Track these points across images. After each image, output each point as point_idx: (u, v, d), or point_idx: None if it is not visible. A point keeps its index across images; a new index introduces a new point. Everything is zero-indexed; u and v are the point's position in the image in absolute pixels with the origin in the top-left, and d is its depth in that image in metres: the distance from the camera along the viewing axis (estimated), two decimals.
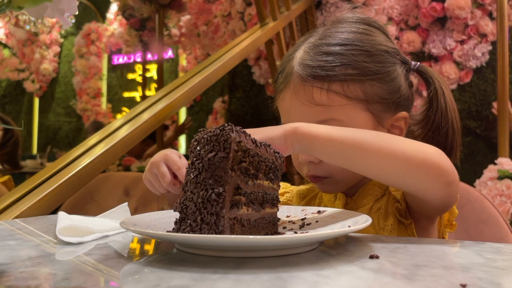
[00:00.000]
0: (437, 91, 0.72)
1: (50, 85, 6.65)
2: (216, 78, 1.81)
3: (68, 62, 6.50)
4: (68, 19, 0.46)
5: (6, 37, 6.74)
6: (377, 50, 0.70)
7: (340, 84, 0.67)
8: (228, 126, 0.47)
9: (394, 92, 0.70)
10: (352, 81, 0.67)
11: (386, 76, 0.70)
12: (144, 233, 0.46)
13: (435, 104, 0.72)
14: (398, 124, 0.72)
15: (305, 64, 0.69)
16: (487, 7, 2.90)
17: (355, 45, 0.69)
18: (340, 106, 0.67)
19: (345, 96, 0.67)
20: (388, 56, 0.71)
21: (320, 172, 0.70)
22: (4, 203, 0.95)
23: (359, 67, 0.67)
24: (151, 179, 0.66)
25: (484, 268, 0.41)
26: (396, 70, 0.71)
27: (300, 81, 0.69)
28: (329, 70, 0.67)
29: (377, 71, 0.68)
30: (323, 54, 0.69)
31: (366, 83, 0.68)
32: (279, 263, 0.42)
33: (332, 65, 0.67)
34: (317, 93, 0.67)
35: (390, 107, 0.70)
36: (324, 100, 0.67)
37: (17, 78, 6.75)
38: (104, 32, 6.14)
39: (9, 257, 0.45)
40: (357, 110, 0.68)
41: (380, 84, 0.69)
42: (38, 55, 6.45)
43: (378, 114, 0.69)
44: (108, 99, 6.31)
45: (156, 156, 0.66)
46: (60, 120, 6.55)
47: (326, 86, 0.67)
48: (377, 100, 0.68)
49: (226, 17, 3.96)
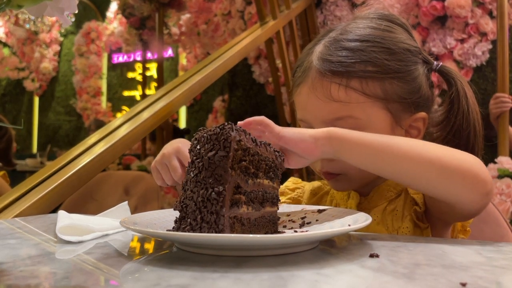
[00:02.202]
0: (459, 93, 0.70)
1: (50, 84, 6.65)
2: (216, 77, 1.81)
3: (68, 61, 6.50)
4: (67, 18, 0.46)
5: (6, 36, 6.73)
6: (399, 48, 0.68)
7: (359, 81, 0.65)
8: (228, 125, 0.47)
9: (414, 92, 0.68)
10: (371, 78, 0.65)
11: (407, 76, 0.68)
12: (144, 232, 0.46)
13: (456, 106, 0.70)
14: (416, 124, 0.70)
15: (325, 58, 0.68)
16: (487, 5, 2.90)
17: (377, 42, 0.67)
18: (358, 104, 0.65)
19: (364, 94, 0.65)
20: (410, 55, 0.68)
21: (334, 169, 0.69)
22: (4, 202, 0.95)
23: (380, 65, 0.66)
24: (161, 170, 0.65)
25: (484, 267, 0.41)
26: (418, 70, 0.69)
27: (319, 76, 0.67)
28: (348, 66, 0.65)
29: (398, 70, 0.66)
30: (343, 49, 0.67)
31: (386, 82, 0.66)
32: (279, 262, 0.42)
33: (352, 61, 0.65)
34: (335, 89, 0.65)
35: (409, 107, 0.68)
36: (342, 97, 0.65)
37: (17, 77, 6.75)
38: (104, 31, 6.13)
39: (9, 256, 0.45)
40: (375, 108, 0.66)
41: (400, 83, 0.67)
42: (38, 54, 6.44)
43: (396, 114, 0.67)
44: (108, 98, 6.31)
45: (168, 148, 0.65)
46: (60, 119, 6.55)
47: (345, 82, 0.65)
48: (396, 99, 0.67)
49: (226, 16, 3.96)
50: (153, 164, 0.68)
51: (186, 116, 5.41)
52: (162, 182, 0.67)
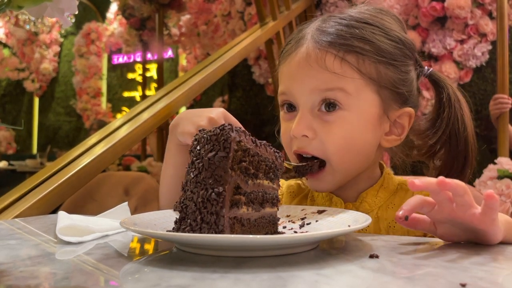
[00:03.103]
0: (451, 97, 0.70)
1: (50, 85, 6.66)
2: (216, 77, 1.82)
3: (68, 61, 6.50)
4: (68, 19, 0.46)
5: (6, 36, 6.74)
6: (396, 37, 0.66)
7: (356, 56, 0.63)
8: (228, 126, 0.47)
9: (406, 85, 0.67)
10: (368, 57, 0.63)
11: (401, 65, 0.66)
12: (144, 232, 0.46)
13: (448, 109, 0.69)
14: (401, 121, 0.68)
15: (322, 29, 0.65)
16: (487, 6, 2.90)
17: (375, 26, 0.65)
18: (352, 79, 0.62)
19: (358, 71, 0.63)
20: (404, 47, 0.67)
21: (313, 149, 0.64)
22: (4, 202, 0.95)
23: (378, 46, 0.64)
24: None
25: (484, 267, 0.41)
26: (410, 65, 0.68)
27: (315, 44, 0.64)
28: (347, 39, 0.63)
29: (394, 56, 0.65)
30: (342, 25, 0.65)
31: (381, 64, 0.64)
32: (279, 263, 0.42)
33: (351, 35, 0.63)
34: (330, 59, 0.62)
35: (399, 98, 0.67)
36: (336, 68, 0.62)
37: (17, 78, 6.75)
38: (104, 31, 6.14)
39: (9, 257, 0.46)
40: (367, 89, 0.64)
41: (394, 70, 0.65)
42: (38, 55, 6.45)
43: (386, 101, 0.65)
44: (108, 99, 6.31)
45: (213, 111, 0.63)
46: (60, 120, 6.55)
47: (342, 54, 0.62)
48: (388, 85, 0.65)
49: (226, 16, 3.96)
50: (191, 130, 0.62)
51: None
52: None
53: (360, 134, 0.65)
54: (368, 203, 0.69)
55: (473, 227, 0.48)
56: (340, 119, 0.63)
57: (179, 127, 0.66)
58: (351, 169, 0.67)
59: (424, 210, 0.50)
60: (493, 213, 0.47)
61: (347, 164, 0.65)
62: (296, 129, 0.64)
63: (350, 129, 0.64)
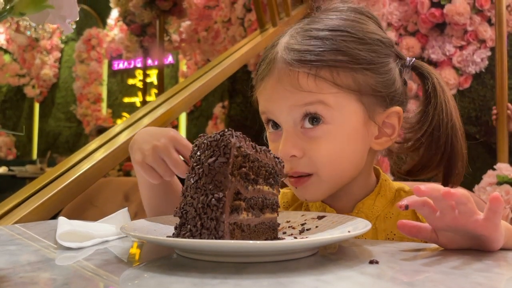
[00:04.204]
0: (435, 86, 0.67)
1: (50, 91, 6.67)
2: (216, 83, 1.82)
3: (68, 67, 6.52)
4: (69, 25, 0.47)
5: (7, 42, 6.77)
6: (370, 39, 0.64)
7: (329, 70, 0.60)
8: (228, 132, 0.47)
9: (388, 86, 0.65)
10: (342, 68, 0.61)
11: (380, 67, 0.64)
12: (144, 238, 0.46)
13: (434, 99, 0.67)
14: (390, 121, 0.66)
15: (291, 48, 0.62)
16: (486, 13, 2.92)
17: (346, 31, 0.63)
18: (330, 94, 0.61)
19: (334, 84, 0.60)
20: (382, 46, 0.65)
21: (304, 167, 0.63)
22: (4, 208, 0.95)
23: (350, 54, 0.61)
24: (156, 166, 0.58)
25: (484, 273, 0.41)
26: (390, 63, 0.66)
27: (285, 65, 0.62)
28: (317, 54, 0.60)
29: (370, 61, 0.63)
30: (311, 38, 0.62)
31: (358, 72, 0.62)
32: (279, 268, 0.42)
33: (321, 49, 0.61)
34: (303, 78, 0.60)
35: (384, 100, 0.64)
36: (311, 87, 0.60)
37: (17, 84, 6.77)
38: (104, 37, 6.16)
39: (9, 262, 0.45)
40: (347, 100, 0.62)
41: (373, 74, 0.63)
42: (38, 61, 6.47)
43: (370, 107, 0.63)
44: (108, 105, 6.32)
45: (160, 138, 0.58)
46: (60, 125, 6.56)
47: (314, 71, 0.60)
48: (369, 91, 0.63)
49: (226, 23, 3.98)
50: (139, 159, 0.59)
51: (186, 122, 5.42)
52: (159, 179, 0.60)
53: (347, 145, 0.63)
54: (365, 214, 0.67)
55: (476, 233, 0.48)
56: (325, 133, 0.62)
57: (132, 152, 0.63)
58: (341, 179, 0.65)
59: (424, 211, 0.50)
60: (496, 217, 0.46)
61: (337, 175, 0.64)
62: (284, 150, 0.62)
63: (336, 142, 0.62)
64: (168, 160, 0.58)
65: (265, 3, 2.63)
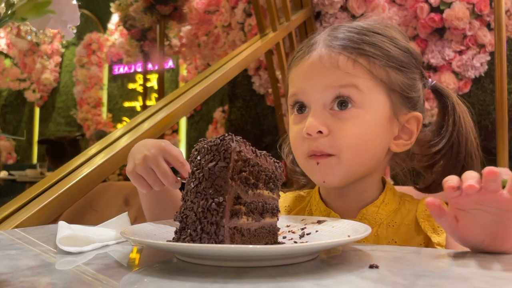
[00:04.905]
0: (455, 105, 0.71)
1: (51, 95, 6.68)
2: (216, 88, 1.83)
3: (69, 72, 6.54)
4: (70, 30, 0.47)
5: (7, 47, 6.79)
6: (403, 47, 0.69)
7: (367, 59, 0.65)
8: (228, 136, 0.47)
9: (413, 90, 0.69)
10: (378, 61, 0.65)
11: (409, 72, 0.68)
12: (144, 242, 0.46)
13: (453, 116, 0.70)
14: (410, 126, 0.69)
15: (334, 35, 0.67)
16: (485, 17, 2.93)
17: (383, 35, 0.68)
18: (364, 79, 0.64)
19: (370, 72, 0.64)
20: (411, 57, 0.69)
21: (327, 147, 0.64)
22: (4, 212, 0.95)
23: (386, 52, 0.66)
24: (145, 175, 0.60)
25: (484, 278, 0.41)
26: (416, 74, 0.70)
27: (327, 48, 0.66)
28: (358, 44, 0.65)
29: (402, 63, 0.67)
30: (353, 32, 0.67)
31: (390, 69, 0.66)
32: (279, 273, 0.42)
33: (362, 41, 0.66)
34: (343, 60, 0.64)
35: (408, 102, 0.68)
36: (349, 68, 0.64)
37: (18, 88, 6.78)
38: (105, 42, 6.18)
39: (9, 267, 0.45)
40: (378, 89, 0.65)
41: (403, 75, 0.67)
42: (39, 65, 6.49)
43: (396, 104, 0.67)
44: (109, 109, 6.33)
45: (151, 149, 0.60)
46: (61, 130, 6.56)
47: (354, 56, 0.64)
48: (398, 89, 0.66)
49: (226, 27, 4.00)
50: (130, 168, 0.61)
51: (186, 126, 5.43)
52: (148, 188, 0.62)
53: (372, 133, 0.65)
54: (368, 221, 0.68)
55: (499, 209, 0.48)
56: (354, 116, 0.64)
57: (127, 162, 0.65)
58: (360, 168, 0.66)
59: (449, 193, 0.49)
60: None
61: (357, 162, 0.65)
62: (311, 126, 0.63)
63: (363, 127, 0.64)
64: (156, 169, 0.60)
65: (265, 8, 2.64)
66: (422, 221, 0.66)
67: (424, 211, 0.67)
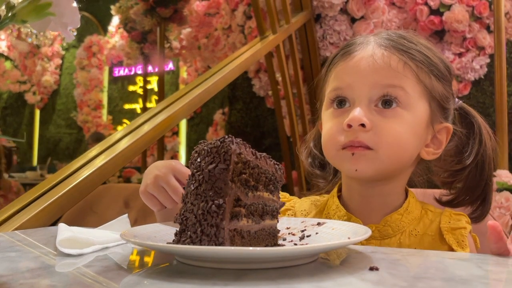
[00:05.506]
0: (480, 126, 0.73)
1: (51, 97, 6.69)
2: (217, 90, 1.83)
3: (69, 74, 6.54)
4: (70, 33, 0.47)
5: (8, 49, 6.80)
6: (444, 61, 0.71)
7: (415, 64, 0.67)
8: (228, 138, 0.47)
9: (449, 102, 0.71)
10: (424, 68, 0.67)
11: (447, 85, 0.71)
12: (144, 244, 0.46)
13: (479, 136, 0.72)
14: (440, 136, 0.70)
15: (386, 37, 0.69)
16: (485, 20, 2.93)
17: (428, 47, 0.70)
18: (411, 82, 0.66)
19: (417, 76, 0.67)
20: (448, 71, 0.71)
21: (367, 139, 0.64)
22: (4, 214, 0.95)
23: (430, 62, 0.68)
24: (156, 194, 0.62)
25: (484, 280, 0.41)
26: (450, 89, 0.72)
27: (380, 47, 0.68)
28: (408, 49, 0.68)
29: (442, 75, 0.69)
30: (400, 37, 0.70)
31: (434, 78, 0.68)
32: (279, 275, 0.42)
33: (410, 46, 0.68)
34: (395, 60, 0.66)
35: (444, 112, 0.70)
36: (400, 69, 0.66)
37: (18, 90, 6.79)
38: (105, 44, 6.19)
39: (9, 269, 0.45)
40: (422, 95, 0.67)
41: (442, 85, 0.69)
42: (39, 67, 6.50)
43: (434, 112, 0.69)
44: (109, 111, 6.34)
45: (161, 168, 0.63)
46: (61, 132, 6.56)
47: (404, 59, 0.66)
48: (437, 97, 0.69)
49: (226, 30, 4.00)
50: (142, 189, 0.64)
51: (186, 128, 5.43)
52: (160, 206, 0.64)
53: (411, 135, 0.66)
54: (391, 228, 0.68)
55: None
56: (398, 116, 0.65)
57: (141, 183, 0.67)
58: (394, 165, 0.66)
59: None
60: None
61: (394, 160, 0.65)
62: (355, 117, 0.63)
63: (405, 127, 0.65)
64: (167, 187, 0.62)
65: (265, 10, 2.65)
66: (447, 233, 0.67)
67: (448, 223, 0.68)
